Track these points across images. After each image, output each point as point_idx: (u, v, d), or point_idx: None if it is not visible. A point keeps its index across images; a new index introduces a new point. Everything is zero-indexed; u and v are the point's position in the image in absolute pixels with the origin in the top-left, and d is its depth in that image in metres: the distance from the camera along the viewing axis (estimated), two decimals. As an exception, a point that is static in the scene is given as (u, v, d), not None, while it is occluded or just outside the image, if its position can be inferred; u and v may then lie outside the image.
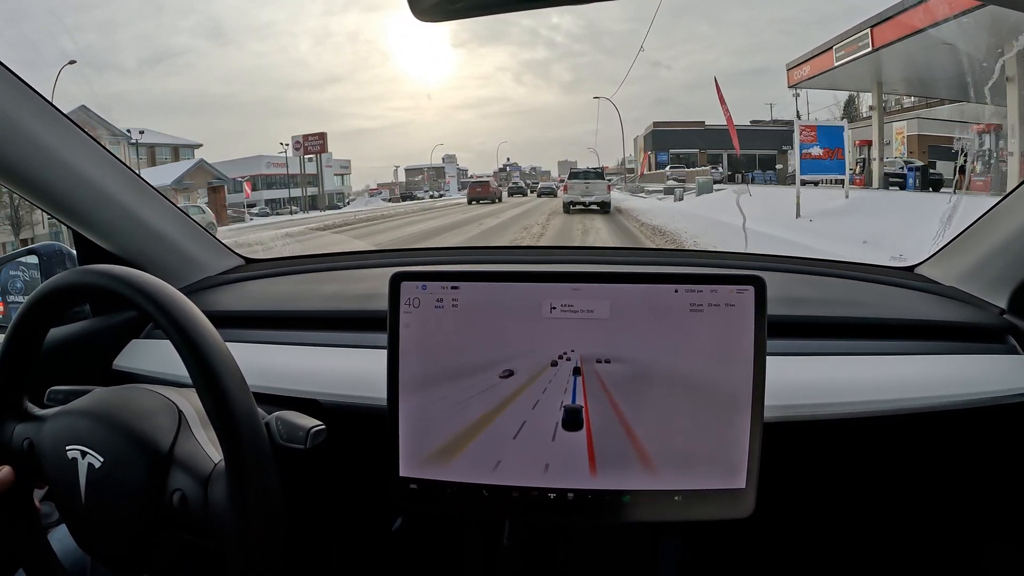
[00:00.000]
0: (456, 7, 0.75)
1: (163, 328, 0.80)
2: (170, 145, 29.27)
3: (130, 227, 1.36)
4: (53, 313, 0.91)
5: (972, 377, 1.12)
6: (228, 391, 0.78)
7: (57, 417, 0.90)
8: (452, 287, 0.94)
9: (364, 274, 1.65)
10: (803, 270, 1.53)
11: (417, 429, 0.94)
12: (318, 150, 32.79)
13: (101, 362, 1.33)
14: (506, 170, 45.90)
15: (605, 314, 0.92)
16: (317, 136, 32.94)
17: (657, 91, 56.11)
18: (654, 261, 1.72)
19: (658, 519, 0.94)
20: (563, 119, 63.73)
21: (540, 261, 1.74)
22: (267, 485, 0.80)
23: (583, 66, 64.63)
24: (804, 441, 1.10)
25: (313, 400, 1.13)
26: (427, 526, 1.32)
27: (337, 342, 1.27)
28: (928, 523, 1.33)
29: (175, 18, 52.66)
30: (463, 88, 62.71)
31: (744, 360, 0.90)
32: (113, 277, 0.83)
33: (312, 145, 32.71)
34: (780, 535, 1.30)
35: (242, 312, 1.41)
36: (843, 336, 1.20)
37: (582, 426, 0.91)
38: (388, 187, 42.68)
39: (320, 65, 59.63)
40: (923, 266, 1.45)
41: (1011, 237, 1.18)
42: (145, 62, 50.47)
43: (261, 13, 55.14)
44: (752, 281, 0.90)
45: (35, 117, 1.13)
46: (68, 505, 0.87)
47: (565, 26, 67.50)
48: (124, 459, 0.83)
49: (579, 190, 18.69)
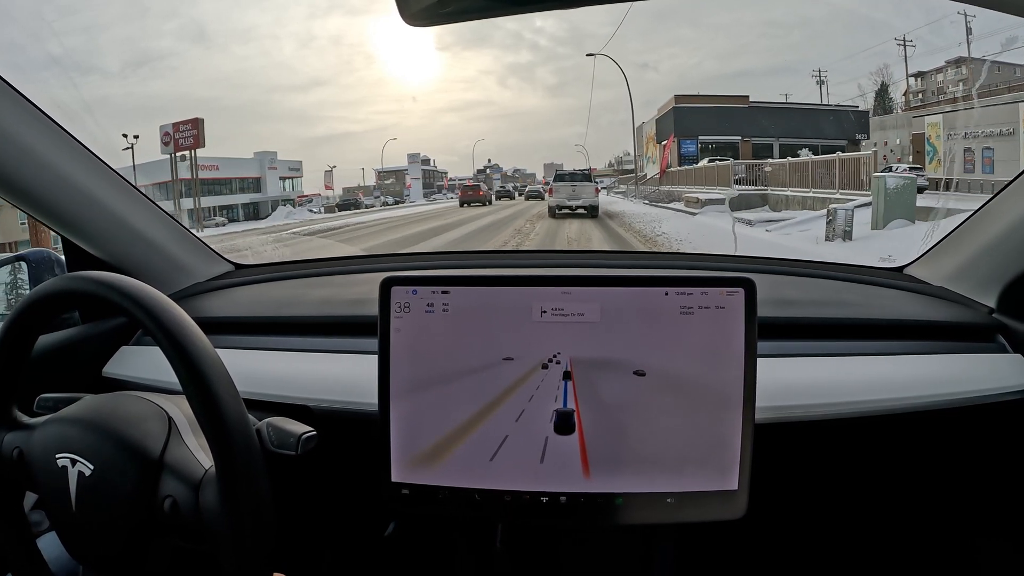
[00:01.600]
0: (445, 12, 0.75)
1: (152, 335, 0.79)
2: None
3: (119, 233, 1.35)
4: (42, 320, 0.90)
5: (962, 376, 1.13)
6: (218, 397, 0.78)
7: (46, 425, 0.90)
8: (443, 291, 0.94)
9: (354, 279, 1.65)
10: (793, 272, 1.53)
11: (409, 434, 0.94)
12: (191, 144, 24.27)
13: (91, 369, 1.32)
14: (485, 172, 43.12)
15: (595, 317, 0.92)
16: (190, 124, 24.14)
17: (644, 94, 56.32)
18: (644, 264, 1.73)
19: (651, 521, 0.94)
20: (548, 122, 63.84)
21: (530, 265, 1.74)
22: (258, 491, 0.80)
23: (567, 69, 64.75)
24: (796, 442, 1.10)
25: (304, 406, 1.13)
26: (420, 530, 1.32)
27: (328, 347, 1.27)
28: (920, 521, 1.33)
29: (158, 21, 52.51)
30: (448, 91, 62.79)
31: (735, 362, 0.91)
32: (102, 283, 0.83)
33: (184, 138, 24.15)
34: (773, 536, 1.30)
35: (232, 318, 1.40)
36: (833, 337, 1.20)
37: (574, 429, 0.91)
38: (354, 192, 37.19)
39: (304, 69, 59.56)
40: (912, 266, 1.46)
41: (999, 237, 1.19)
42: (128, 65, 50.29)
43: (244, 16, 55.05)
44: (742, 283, 0.91)
45: (22, 121, 1.12)
46: (59, 513, 0.86)
47: (549, 29, 67.66)
48: (114, 466, 0.83)
49: (565, 193, 17.63)
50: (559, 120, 62.05)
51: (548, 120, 63.04)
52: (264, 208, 28.88)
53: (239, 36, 55.10)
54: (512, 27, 69.93)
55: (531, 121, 63.83)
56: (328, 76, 60.75)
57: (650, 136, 27.85)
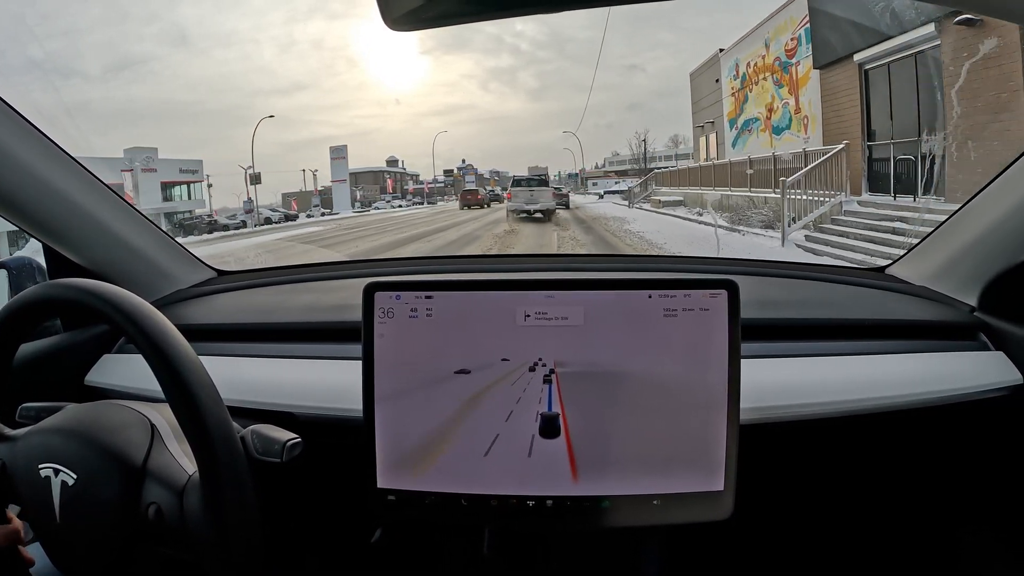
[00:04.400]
0: (428, 16, 0.74)
1: (135, 342, 0.79)
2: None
3: (101, 240, 1.34)
4: (23, 328, 0.89)
5: (945, 374, 1.14)
6: (201, 404, 0.77)
7: (29, 436, 0.89)
8: (426, 297, 0.93)
9: (337, 285, 1.65)
10: (775, 273, 1.54)
11: (394, 440, 0.94)
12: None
13: (73, 378, 1.31)
14: (456, 173, 38.06)
15: (579, 321, 0.92)
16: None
17: (630, 96, 56.40)
18: (628, 267, 1.73)
19: (637, 523, 0.94)
20: (531, 126, 63.75)
21: (514, 269, 1.74)
22: (243, 497, 0.80)
23: (549, 73, 64.70)
24: (781, 442, 1.11)
25: (289, 413, 1.12)
26: (407, 537, 1.31)
27: (312, 354, 1.26)
28: (905, 519, 1.34)
29: (139, 25, 52.02)
30: (430, 95, 62.61)
31: (719, 363, 0.91)
32: (84, 291, 0.82)
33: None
34: (759, 537, 1.31)
35: (215, 325, 1.40)
36: (817, 337, 1.21)
37: (559, 433, 0.91)
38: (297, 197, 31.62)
39: (285, 72, 59.22)
40: (894, 267, 1.47)
41: (980, 236, 1.20)
42: (109, 69, 49.86)
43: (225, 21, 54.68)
44: (725, 285, 0.91)
45: (1, 126, 1.11)
46: (43, 523, 0.86)
47: (529, 33, 67.56)
48: (98, 475, 0.83)
49: (523, 198, 18.27)
50: (543, 124, 62.07)
51: (531, 124, 63.07)
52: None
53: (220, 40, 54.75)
54: (492, 31, 69.90)
55: (514, 125, 63.81)
56: (310, 80, 60.49)
57: (733, 90, 18.29)
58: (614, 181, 30.56)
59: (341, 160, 30.95)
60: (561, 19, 69.02)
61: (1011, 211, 1.12)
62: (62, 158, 1.22)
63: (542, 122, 61.01)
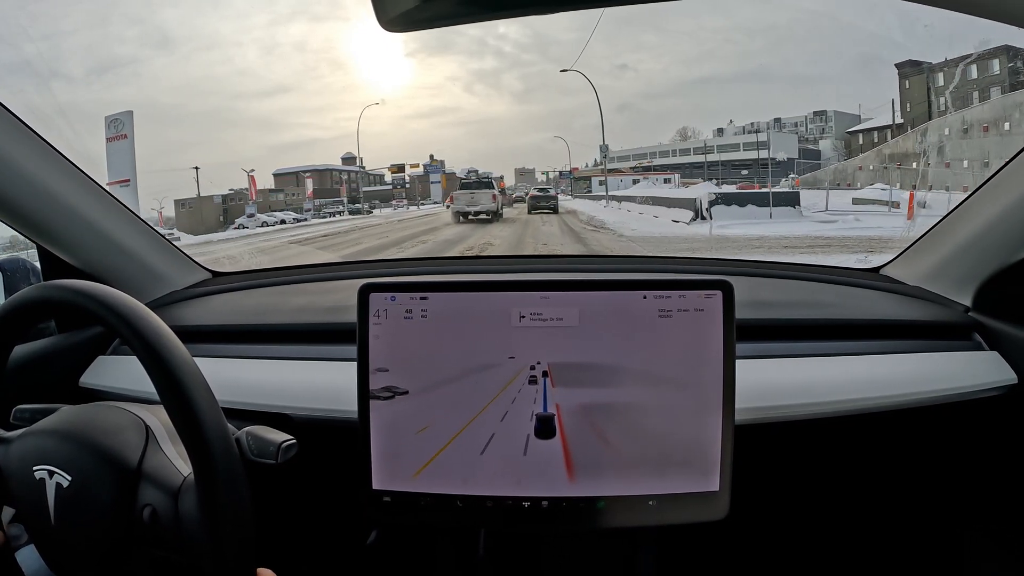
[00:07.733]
0: (422, 17, 0.74)
1: (129, 344, 0.79)
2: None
3: (96, 241, 1.33)
4: (17, 330, 0.89)
5: (939, 374, 1.14)
6: (196, 406, 0.77)
7: (23, 438, 0.89)
8: (421, 298, 0.93)
9: (332, 286, 1.64)
10: (770, 274, 1.54)
11: (389, 441, 0.94)
12: None
13: (67, 379, 1.31)
14: (406, 171, 29.90)
15: (574, 321, 0.92)
16: None
17: (620, 98, 56.33)
18: (622, 268, 1.73)
19: (633, 524, 0.94)
20: (516, 129, 63.51)
21: (509, 270, 1.74)
22: (238, 498, 0.79)
23: (533, 75, 64.46)
24: (776, 442, 1.11)
25: (284, 414, 1.12)
26: (402, 538, 1.31)
27: (306, 355, 1.26)
28: (901, 517, 1.35)
29: (121, 28, 51.79)
30: (415, 98, 62.33)
31: (714, 364, 0.91)
32: (78, 292, 0.82)
33: None
34: (755, 536, 1.31)
35: (210, 326, 1.39)
36: (811, 338, 1.21)
37: (554, 434, 0.91)
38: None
39: (269, 75, 58.93)
40: (888, 267, 1.47)
41: (974, 237, 1.20)
42: (92, 71, 49.69)
43: (207, 23, 54.47)
44: (720, 286, 0.91)
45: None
46: (37, 526, 0.85)
47: (512, 35, 67.30)
48: (92, 477, 0.82)
49: (465, 200, 18.60)
50: (527, 126, 61.79)
51: (516, 126, 62.81)
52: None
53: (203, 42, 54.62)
54: (475, 33, 69.57)
55: (499, 127, 63.51)
56: (293, 82, 60.20)
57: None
58: (652, 180, 24.16)
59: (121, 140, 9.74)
60: (545, 22, 68.84)
61: (1005, 211, 1.12)
62: (56, 158, 1.22)
63: (527, 124, 60.79)
